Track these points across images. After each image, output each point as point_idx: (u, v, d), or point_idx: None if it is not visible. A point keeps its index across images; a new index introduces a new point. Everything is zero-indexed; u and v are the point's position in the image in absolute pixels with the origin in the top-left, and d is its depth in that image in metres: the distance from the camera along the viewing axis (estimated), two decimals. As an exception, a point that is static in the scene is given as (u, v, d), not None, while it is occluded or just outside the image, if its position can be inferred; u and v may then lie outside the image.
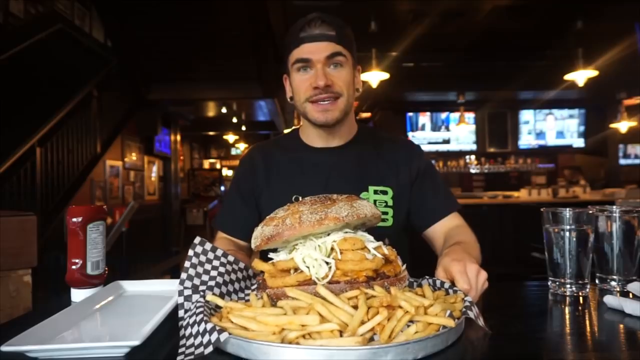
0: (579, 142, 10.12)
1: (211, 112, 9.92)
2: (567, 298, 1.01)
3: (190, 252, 0.90)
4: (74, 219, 1.07)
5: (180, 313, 0.82)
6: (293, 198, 0.97)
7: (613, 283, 1.08)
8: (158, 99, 7.74)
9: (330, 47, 1.22)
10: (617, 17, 5.73)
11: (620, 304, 0.88)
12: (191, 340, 0.70)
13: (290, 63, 1.28)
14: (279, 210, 0.90)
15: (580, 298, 1.01)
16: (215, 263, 0.92)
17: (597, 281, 1.10)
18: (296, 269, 0.82)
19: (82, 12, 6.96)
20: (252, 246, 0.90)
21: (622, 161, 10.14)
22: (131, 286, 1.13)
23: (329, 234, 0.85)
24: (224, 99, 8.38)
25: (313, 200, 0.88)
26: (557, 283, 1.05)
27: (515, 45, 6.94)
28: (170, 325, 0.82)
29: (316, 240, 0.84)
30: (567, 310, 0.95)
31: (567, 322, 0.89)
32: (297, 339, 0.66)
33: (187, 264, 0.89)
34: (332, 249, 0.82)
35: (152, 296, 1.07)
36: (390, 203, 1.31)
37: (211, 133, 13.09)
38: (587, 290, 1.04)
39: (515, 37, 6.59)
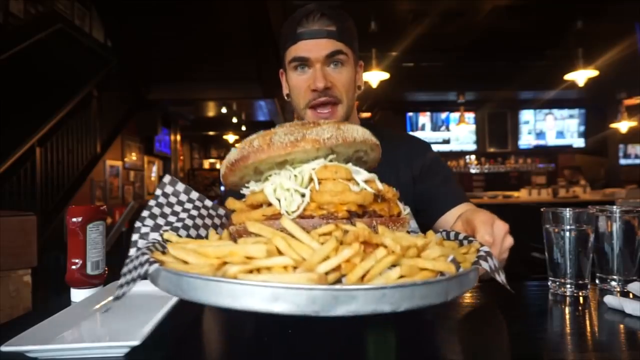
0: (579, 142, 10.12)
1: (211, 112, 9.92)
2: (567, 298, 1.01)
3: (158, 192, 0.77)
4: (74, 219, 1.07)
5: (131, 252, 0.70)
6: (277, 125, 0.83)
7: (613, 283, 1.07)
8: (158, 99, 7.74)
9: (330, 45, 1.15)
10: (617, 17, 5.73)
11: (621, 304, 0.88)
12: (127, 277, 0.61)
13: (287, 61, 1.21)
14: (252, 135, 0.75)
15: (581, 298, 1.01)
16: (188, 205, 0.78)
17: (597, 281, 1.10)
18: (268, 205, 0.68)
19: (82, 12, 6.96)
20: (220, 176, 0.79)
21: (622, 161, 10.14)
22: (131, 286, 1.13)
23: (309, 163, 0.70)
24: (224, 99, 8.38)
25: (294, 123, 0.74)
26: (557, 283, 1.05)
27: (515, 45, 6.95)
28: (170, 326, 0.82)
29: (293, 169, 0.70)
30: (567, 310, 0.95)
31: (567, 322, 0.89)
32: (238, 274, 0.52)
33: (151, 202, 0.75)
34: (310, 179, 0.68)
35: (152, 296, 1.07)
36: None
37: (211, 133, 13.10)
38: (587, 290, 1.03)
39: (515, 37, 6.59)
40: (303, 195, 0.66)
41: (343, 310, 0.46)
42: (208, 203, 0.80)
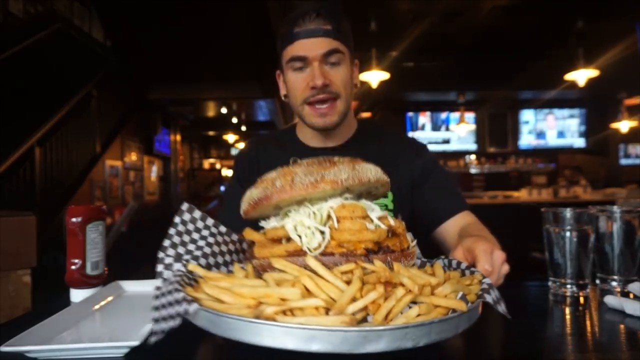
0: (580, 142, 10.13)
1: (211, 112, 9.93)
2: (568, 298, 1.01)
3: (177, 219, 0.82)
4: (74, 219, 1.07)
5: (158, 282, 0.74)
6: (291, 160, 0.89)
7: (614, 283, 1.07)
8: (158, 99, 7.74)
9: (327, 44, 1.15)
10: (617, 17, 5.73)
11: (621, 304, 0.88)
12: (162, 312, 0.63)
13: (284, 61, 1.22)
14: (271, 172, 0.80)
15: (581, 298, 1.01)
16: (205, 232, 0.83)
17: (597, 281, 1.10)
18: (288, 239, 0.73)
19: (82, 12, 6.96)
20: (241, 212, 0.82)
21: (623, 161, 10.15)
22: (131, 286, 1.13)
23: (327, 200, 0.75)
24: (224, 99, 8.39)
25: (311, 161, 0.78)
26: (558, 283, 1.04)
27: (515, 45, 6.95)
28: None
29: (311, 206, 0.74)
30: (567, 310, 0.94)
31: (568, 322, 0.89)
32: (275, 315, 0.56)
33: (171, 231, 0.81)
34: (328, 216, 0.73)
35: (152, 296, 1.07)
36: (390, 207, 1.27)
37: (211, 133, 13.10)
38: (588, 290, 1.03)
39: (515, 37, 6.59)
40: (322, 233, 0.70)
41: (372, 348, 0.53)
42: (222, 229, 0.84)
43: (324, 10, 1.17)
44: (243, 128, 11.68)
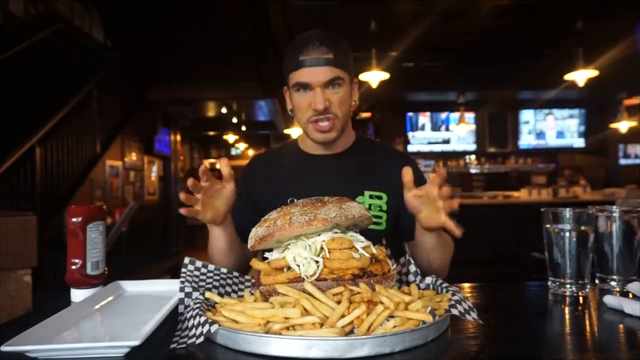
0: (579, 142, 10.12)
1: (211, 112, 9.91)
2: (567, 298, 1.01)
3: (184, 270, 0.96)
4: (74, 219, 1.07)
5: (180, 309, 0.89)
6: (288, 200, 1.05)
7: (613, 283, 1.08)
8: (158, 99, 7.73)
9: (328, 72, 1.28)
10: (617, 17, 5.73)
11: (620, 304, 0.88)
12: (186, 332, 0.75)
13: (291, 84, 1.34)
14: (272, 212, 0.93)
15: (580, 298, 1.01)
16: (210, 275, 0.99)
17: (597, 281, 1.10)
18: (288, 267, 0.86)
19: (82, 12, 6.96)
20: (248, 246, 0.94)
21: (622, 161, 10.14)
22: (131, 286, 1.13)
23: (319, 235, 0.88)
24: (224, 99, 8.37)
25: (305, 202, 0.92)
26: (557, 283, 1.05)
27: (515, 45, 6.95)
28: (170, 326, 0.83)
29: (307, 240, 0.88)
30: (567, 310, 0.95)
31: (567, 322, 0.89)
32: (280, 331, 0.70)
33: (182, 278, 0.94)
34: (321, 248, 0.86)
35: (152, 296, 1.07)
36: (384, 208, 1.35)
37: (211, 133, 13.08)
38: (587, 290, 1.03)
39: (515, 37, 6.59)
40: (317, 262, 0.84)
41: (357, 353, 0.66)
42: (223, 270, 1.02)
43: (327, 39, 1.29)
44: (243, 128, 11.66)
